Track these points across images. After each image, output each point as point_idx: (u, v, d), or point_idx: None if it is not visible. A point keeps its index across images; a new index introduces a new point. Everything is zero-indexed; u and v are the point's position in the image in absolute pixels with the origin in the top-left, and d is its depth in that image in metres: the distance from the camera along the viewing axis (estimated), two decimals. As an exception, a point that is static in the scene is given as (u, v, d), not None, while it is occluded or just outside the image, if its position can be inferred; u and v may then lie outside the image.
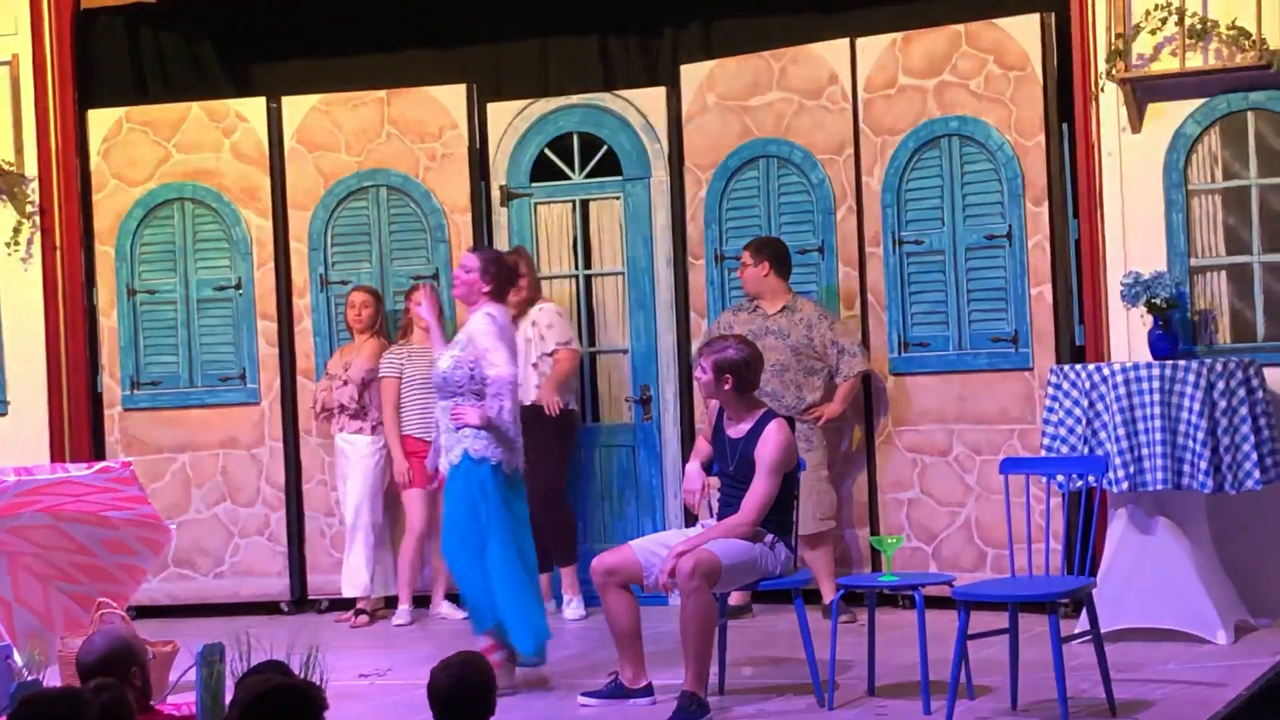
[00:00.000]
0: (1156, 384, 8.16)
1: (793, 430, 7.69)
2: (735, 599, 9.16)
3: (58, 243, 10.51)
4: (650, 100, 10.32)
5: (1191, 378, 8.15)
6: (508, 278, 8.34)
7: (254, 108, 10.62)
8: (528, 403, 9.78)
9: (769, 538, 7.52)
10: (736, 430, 7.64)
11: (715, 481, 7.80)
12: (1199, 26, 8.71)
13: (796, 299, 9.47)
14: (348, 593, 10.10)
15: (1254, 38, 8.63)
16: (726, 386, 7.59)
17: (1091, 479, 7.70)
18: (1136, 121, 8.92)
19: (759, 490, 7.46)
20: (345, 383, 10.09)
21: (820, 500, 9.33)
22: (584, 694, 7.68)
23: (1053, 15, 9.17)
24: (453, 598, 10.14)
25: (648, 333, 10.29)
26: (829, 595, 9.09)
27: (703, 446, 7.81)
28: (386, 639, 9.63)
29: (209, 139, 10.60)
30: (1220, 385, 8.18)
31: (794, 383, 9.34)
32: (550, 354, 9.87)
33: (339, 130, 10.56)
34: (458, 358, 8.02)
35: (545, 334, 9.82)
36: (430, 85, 10.55)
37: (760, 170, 9.96)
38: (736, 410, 7.64)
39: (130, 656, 5.69)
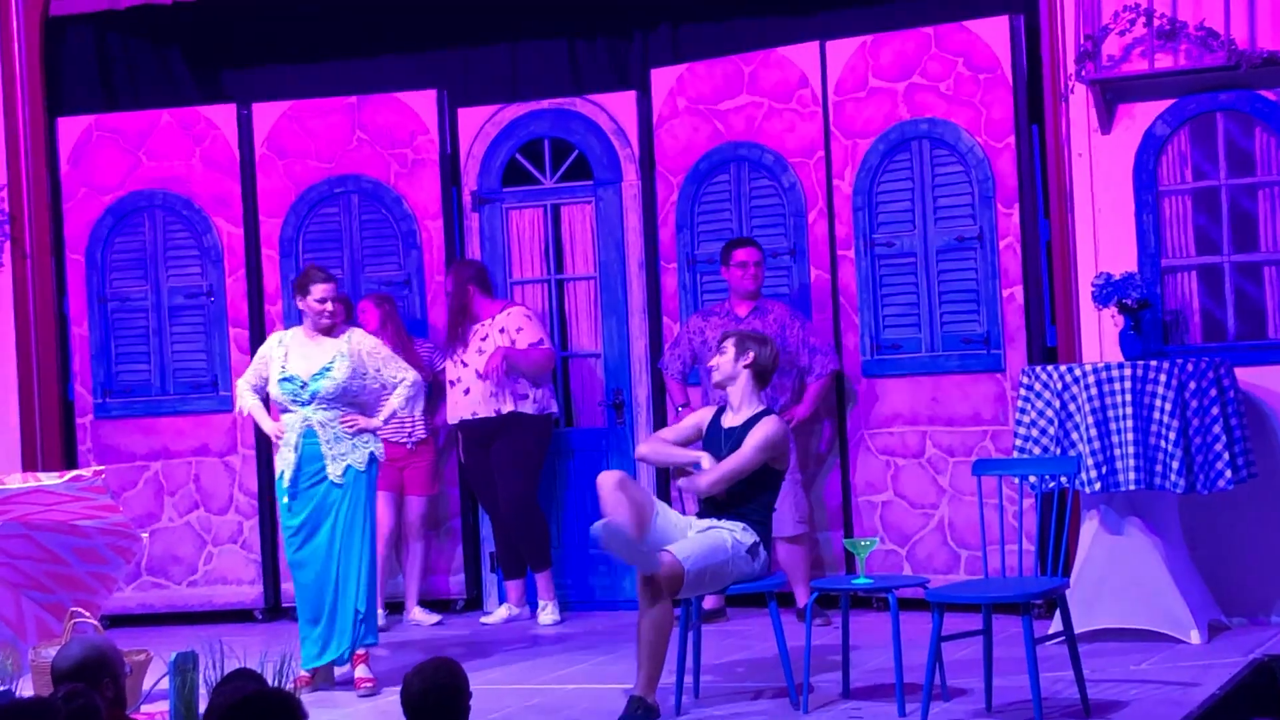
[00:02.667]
0: (1128, 384, 8.18)
1: None
2: (709, 603, 9.17)
3: (28, 251, 10.48)
4: (621, 104, 10.32)
5: (1163, 378, 8.17)
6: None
7: (224, 115, 10.60)
8: (505, 412, 9.78)
9: (754, 543, 7.52)
10: (733, 420, 7.69)
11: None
12: (1167, 27, 8.74)
13: (765, 300, 9.48)
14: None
15: (1222, 38, 8.65)
16: (745, 363, 7.68)
17: (1064, 480, 7.71)
18: (1106, 123, 8.94)
19: (736, 458, 7.52)
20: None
21: (797, 503, 9.34)
22: None
23: (1022, 17, 9.18)
24: (426, 603, 10.14)
25: (620, 337, 10.29)
26: (803, 599, 9.09)
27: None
28: (361, 646, 9.60)
29: (179, 146, 10.59)
30: (1192, 385, 8.20)
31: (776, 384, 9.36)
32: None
33: (310, 137, 10.54)
34: (354, 368, 8.30)
35: (516, 337, 9.81)
36: (401, 91, 10.54)
37: (731, 174, 9.97)
38: (741, 398, 7.70)
39: (104, 665, 5.67)
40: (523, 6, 10.57)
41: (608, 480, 7.51)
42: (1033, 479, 8.01)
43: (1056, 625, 7.44)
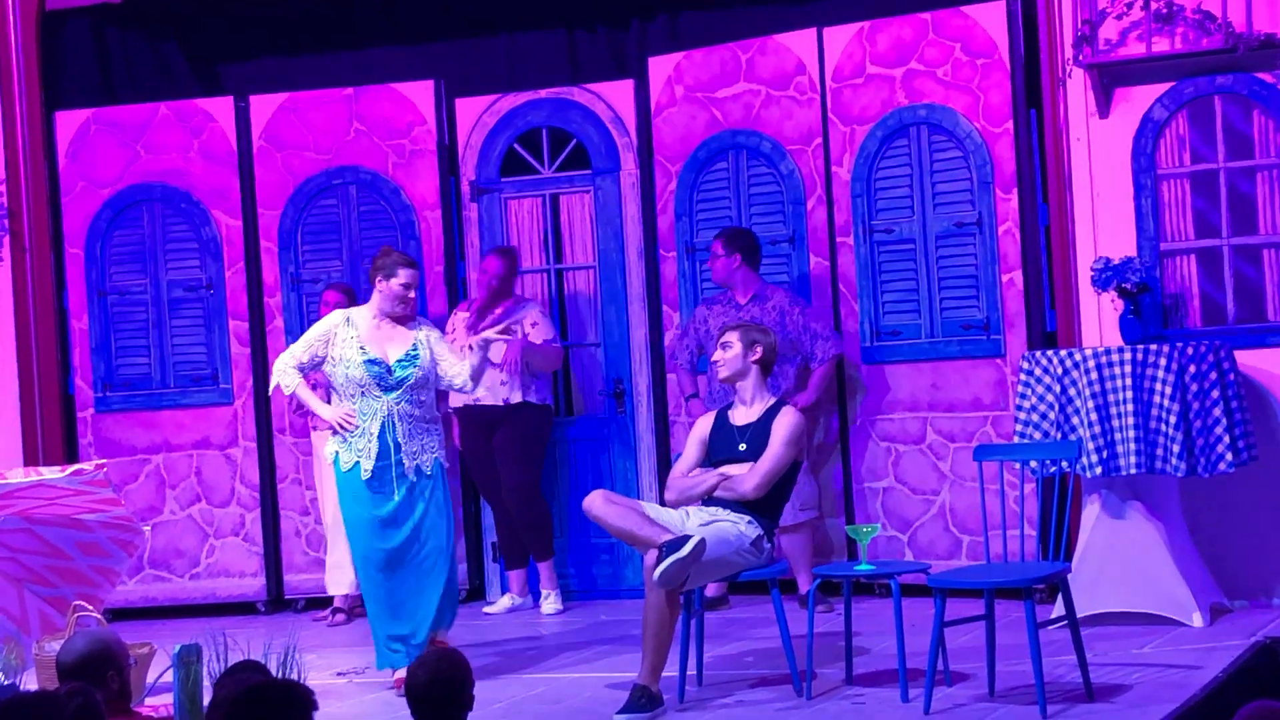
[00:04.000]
0: (1128, 368, 8.18)
1: None
2: (712, 590, 9.17)
3: (26, 245, 10.48)
4: (618, 93, 10.32)
5: (1163, 362, 8.17)
6: None
7: (222, 107, 10.60)
8: (515, 402, 9.78)
9: (758, 535, 7.53)
10: (746, 416, 7.70)
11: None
12: (1165, 11, 8.73)
13: (766, 287, 9.48)
14: (334, 591, 10.07)
15: (1220, 21, 8.65)
16: (754, 358, 7.72)
17: (1065, 464, 7.72)
18: (1104, 107, 8.94)
19: (771, 457, 7.54)
20: (315, 385, 10.04)
21: (800, 490, 9.34)
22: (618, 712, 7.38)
23: (1019, 2, 9.18)
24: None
25: (620, 326, 10.29)
26: (805, 585, 9.10)
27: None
28: (364, 637, 9.59)
29: (177, 139, 10.58)
30: (1192, 369, 8.21)
31: (779, 372, 9.35)
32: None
33: (307, 128, 10.54)
34: (427, 358, 8.03)
35: (530, 332, 9.81)
36: (398, 82, 10.53)
37: (730, 162, 9.97)
38: (753, 392, 7.73)
39: (108, 659, 5.68)
40: (520, -4, 10.58)
41: (594, 502, 7.54)
42: (1034, 464, 8.01)
43: (1058, 610, 7.45)
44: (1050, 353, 8.45)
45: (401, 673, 7.89)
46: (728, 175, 9.98)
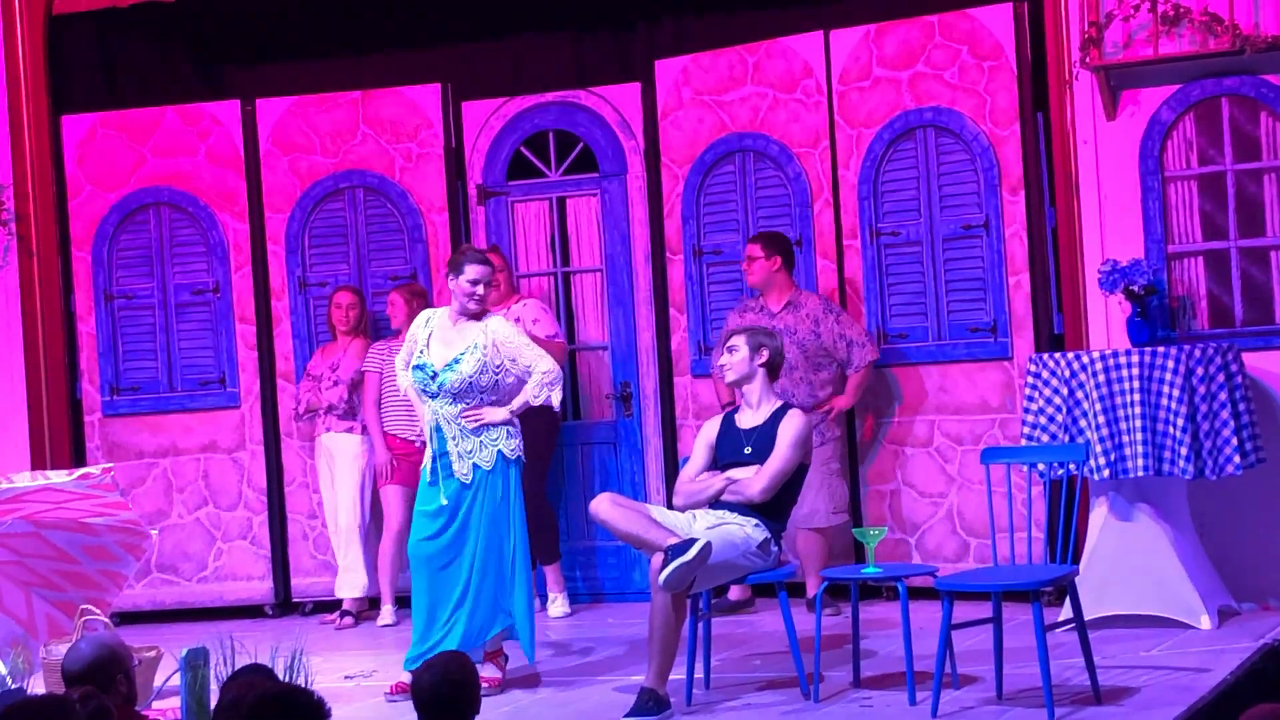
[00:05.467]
0: (1136, 371, 8.17)
1: None
2: (735, 594, 9.18)
3: (34, 249, 10.48)
4: (625, 96, 10.32)
5: (1170, 364, 8.16)
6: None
7: (228, 111, 10.60)
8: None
9: (765, 538, 7.52)
10: (752, 419, 7.70)
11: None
12: (1171, 13, 8.72)
13: (800, 293, 9.45)
14: (344, 594, 10.08)
15: (1226, 23, 8.64)
16: (760, 361, 7.70)
17: (1072, 467, 7.71)
18: (1111, 109, 8.93)
19: (778, 460, 7.53)
20: (335, 383, 10.07)
21: (834, 494, 9.32)
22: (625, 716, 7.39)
23: (1025, 4, 9.17)
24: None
25: (627, 329, 10.29)
26: (814, 589, 9.10)
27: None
28: (371, 640, 9.62)
29: (184, 142, 10.58)
30: (1199, 371, 8.20)
31: (804, 380, 9.31)
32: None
33: (314, 132, 10.54)
34: (483, 361, 7.89)
35: (532, 329, 9.80)
36: (405, 85, 10.53)
37: (736, 165, 9.96)
38: (759, 396, 7.72)
39: (116, 663, 5.69)
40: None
41: (600, 505, 7.53)
42: (1041, 466, 8.02)
43: (1066, 612, 7.44)
44: (1058, 355, 8.44)
45: (404, 677, 7.90)
46: (734, 178, 9.98)
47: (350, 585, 10.06)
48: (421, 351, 7.97)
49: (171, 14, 10.70)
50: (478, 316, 7.98)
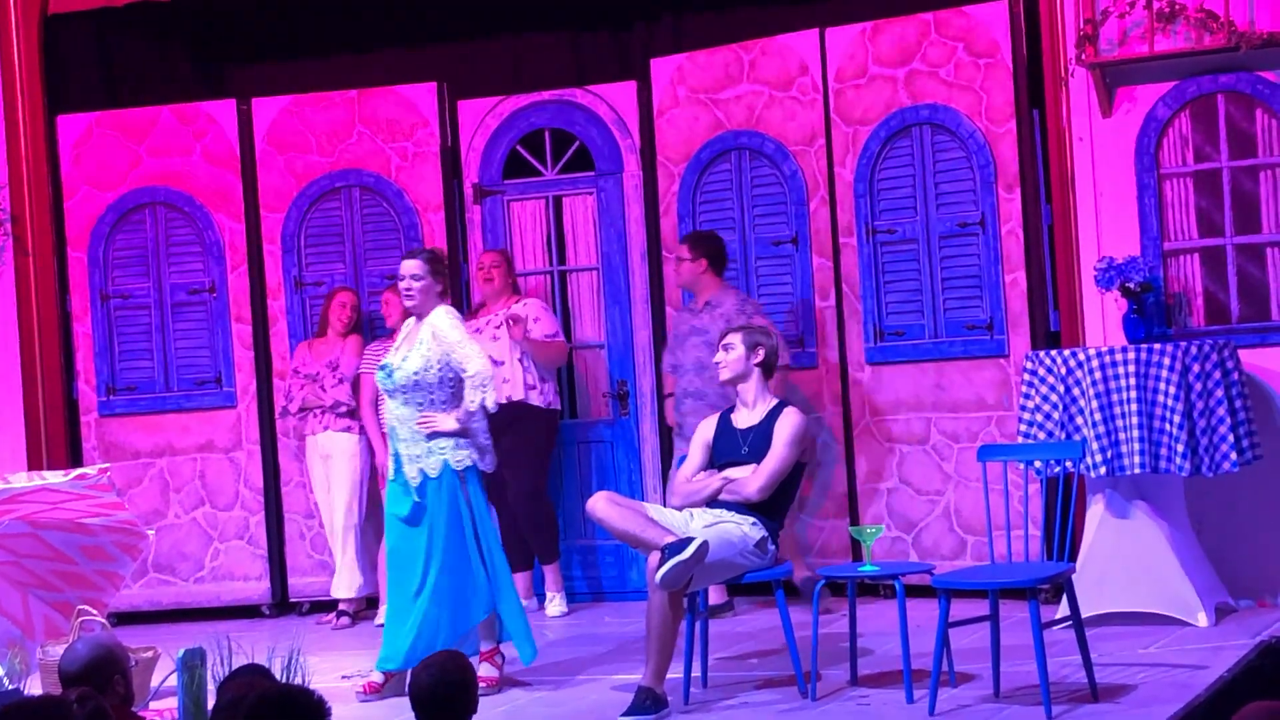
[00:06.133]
0: (1132, 368, 8.17)
1: None
2: (714, 597, 9.16)
3: (29, 249, 10.48)
4: (621, 94, 10.32)
5: (1167, 361, 8.16)
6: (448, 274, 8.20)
7: (224, 110, 10.60)
8: (515, 399, 9.78)
9: (762, 537, 7.52)
10: (749, 418, 7.71)
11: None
12: (1167, 10, 8.73)
13: (722, 293, 9.37)
14: (340, 594, 10.07)
15: (1222, 20, 8.64)
16: (756, 361, 7.71)
17: (1069, 464, 7.71)
18: (1107, 106, 8.93)
19: (775, 459, 7.54)
20: (340, 380, 10.06)
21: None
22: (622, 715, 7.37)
23: (1021, 1, 9.17)
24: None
25: (623, 327, 10.29)
26: (716, 596, 9.07)
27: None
28: (368, 640, 9.60)
29: (179, 142, 10.58)
30: (1196, 368, 8.20)
31: (715, 379, 9.26)
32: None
33: (310, 131, 10.54)
34: (426, 359, 7.87)
35: (532, 327, 9.81)
36: (401, 84, 10.53)
37: (732, 163, 9.96)
38: (755, 394, 7.73)
39: (113, 663, 5.69)
40: (522, -3, 10.58)
41: (597, 503, 7.53)
42: (1038, 464, 8.02)
43: (1063, 610, 7.45)
44: (1054, 352, 8.45)
45: (375, 677, 7.94)
46: (730, 176, 9.98)
47: (346, 585, 10.05)
48: (394, 353, 8.05)
49: (167, 13, 10.70)
50: (417, 314, 7.99)
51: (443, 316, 7.95)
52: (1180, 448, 8.10)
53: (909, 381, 9.47)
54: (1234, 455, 8.19)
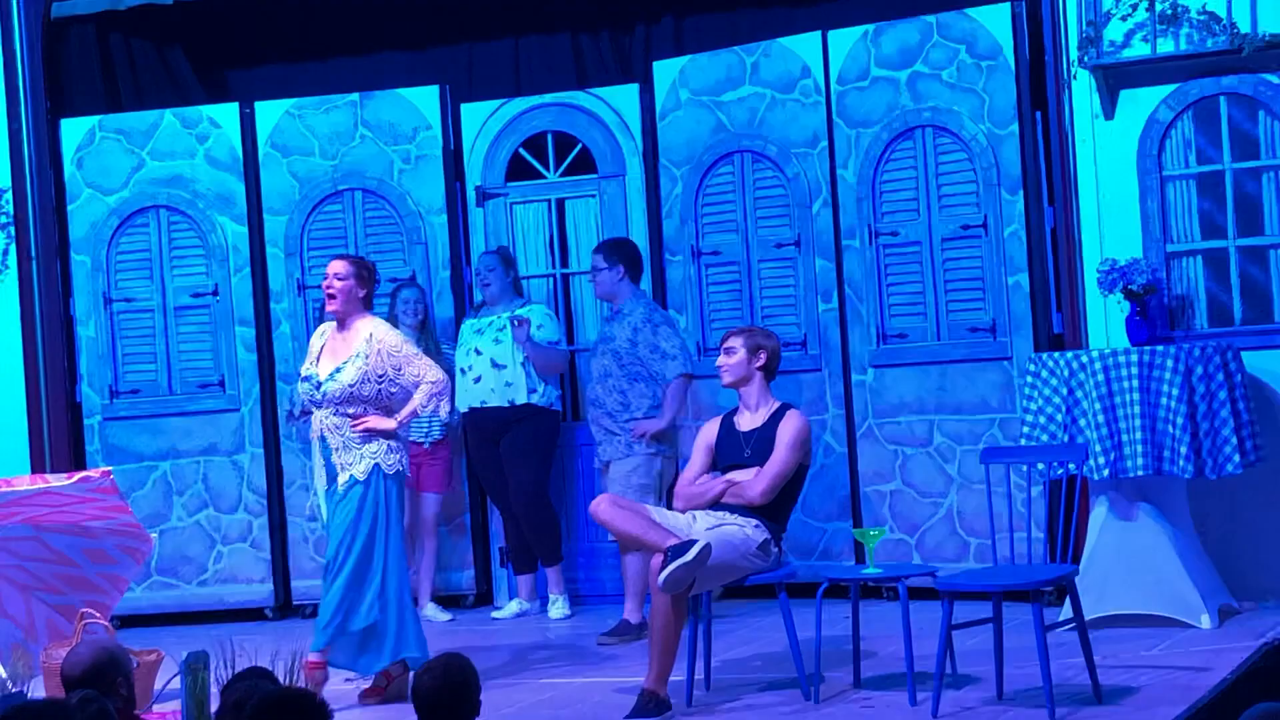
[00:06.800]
0: (1135, 370, 8.17)
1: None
2: (634, 618, 9.05)
3: (33, 253, 10.48)
4: (623, 97, 10.31)
5: (1170, 363, 8.16)
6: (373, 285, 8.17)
7: (227, 113, 10.60)
8: (518, 402, 9.78)
9: (765, 539, 7.53)
10: (751, 421, 7.71)
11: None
12: (1170, 12, 8.73)
13: (633, 301, 9.26)
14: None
15: (1224, 22, 8.64)
16: (758, 365, 7.72)
17: (1072, 467, 7.71)
18: (1109, 108, 8.93)
19: (778, 462, 7.54)
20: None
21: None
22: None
23: (1024, 3, 9.17)
24: (439, 600, 10.14)
25: (626, 330, 10.27)
26: (629, 612, 9.03)
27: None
28: (372, 643, 9.60)
29: (182, 146, 10.58)
30: (1199, 370, 8.20)
31: (617, 389, 9.21)
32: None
33: (312, 134, 10.54)
34: (364, 371, 7.83)
35: (535, 333, 9.81)
36: (403, 87, 10.54)
37: (735, 165, 9.96)
38: (757, 397, 7.74)
39: (116, 666, 5.69)
40: (525, 1, 10.56)
41: (600, 506, 7.54)
42: (1041, 466, 8.02)
43: (1066, 612, 7.44)
44: (1057, 355, 8.45)
45: (365, 683, 7.94)
46: (733, 178, 9.98)
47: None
48: (313, 363, 7.97)
49: (170, 17, 10.71)
50: (339, 319, 7.94)
51: (387, 332, 7.97)
52: (1183, 450, 8.10)
53: (912, 384, 9.47)
54: (1237, 457, 8.19)
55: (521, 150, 10.50)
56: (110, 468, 8.69)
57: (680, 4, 10.40)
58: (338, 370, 7.86)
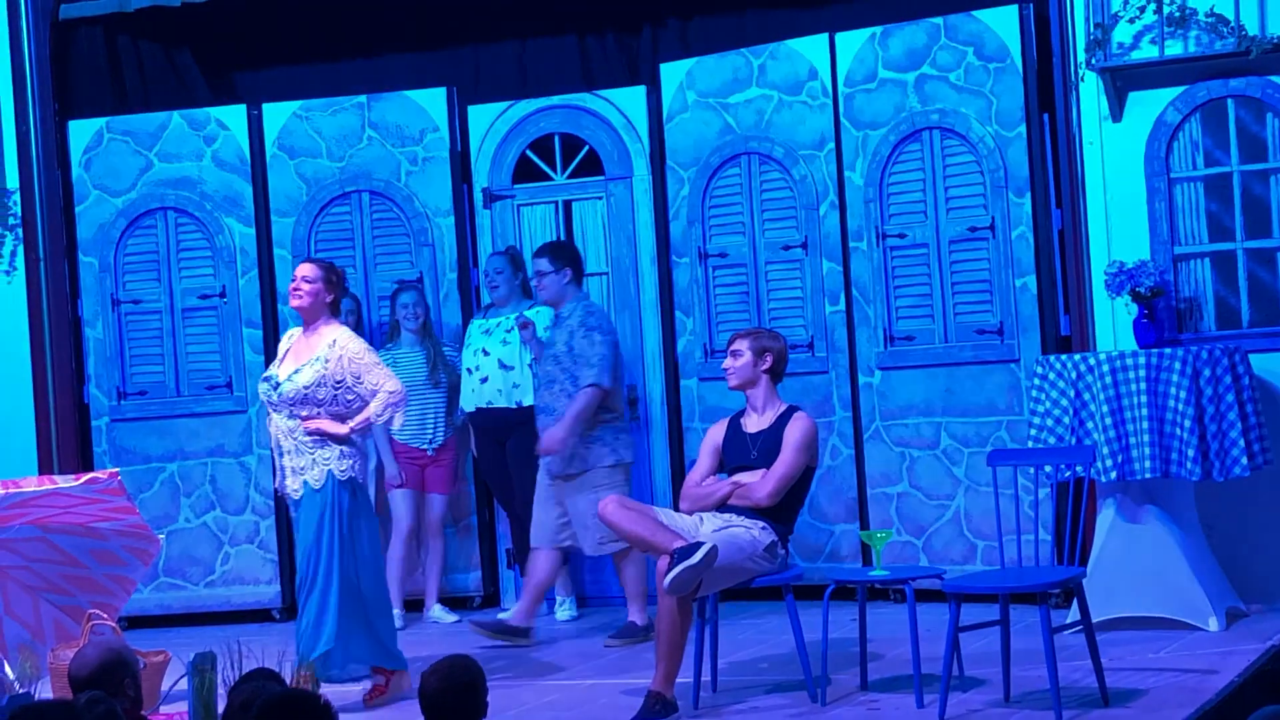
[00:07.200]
0: (1143, 373, 8.17)
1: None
2: (640, 619, 9.02)
3: (40, 255, 10.49)
4: (630, 99, 10.32)
5: (1178, 365, 8.16)
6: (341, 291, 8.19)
7: (234, 115, 10.61)
8: (524, 404, 9.78)
9: (772, 541, 7.53)
10: (758, 423, 7.72)
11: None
12: (1178, 14, 8.72)
13: (574, 304, 9.18)
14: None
15: (1232, 24, 8.64)
16: (764, 367, 7.73)
17: (1080, 469, 7.71)
18: (1117, 110, 8.93)
19: (784, 464, 7.55)
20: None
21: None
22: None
23: (1031, 5, 9.17)
24: (446, 601, 10.15)
25: (633, 332, 10.28)
26: (634, 615, 9.03)
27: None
28: (378, 644, 9.61)
29: (190, 147, 10.59)
30: (1206, 373, 8.19)
31: (564, 393, 9.10)
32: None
33: (320, 136, 10.55)
34: (322, 375, 7.84)
35: (542, 334, 9.80)
36: (410, 89, 10.54)
37: (742, 167, 9.96)
38: (764, 399, 7.74)
39: (123, 667, 5.70)
40: (532, 3, 10.56)
41: (607, 507, 7.54)
42: (1048, 468, 8.01)
43: (1074, 615, 7.44)
44: (1064, 357, 8.44)
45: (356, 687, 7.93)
46: (740, 180, 9.98)
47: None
48: (276, 365, 8.01)
49: (177, 18, 10.71)
50: (305, 323, 7.97)
51: (350, 339, 7.98)
52: (1191, 452, 8.10)
53: (919, 386, 9.47)
54: (1245, 460, 8.18)
55: (529, 152, 10.50)
56: (118, 469, 8.69)
57: (687, 6, 10.39)
58: (296, 372, 7.89)
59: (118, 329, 10.63)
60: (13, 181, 10.47)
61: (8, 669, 7.76)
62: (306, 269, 8.08)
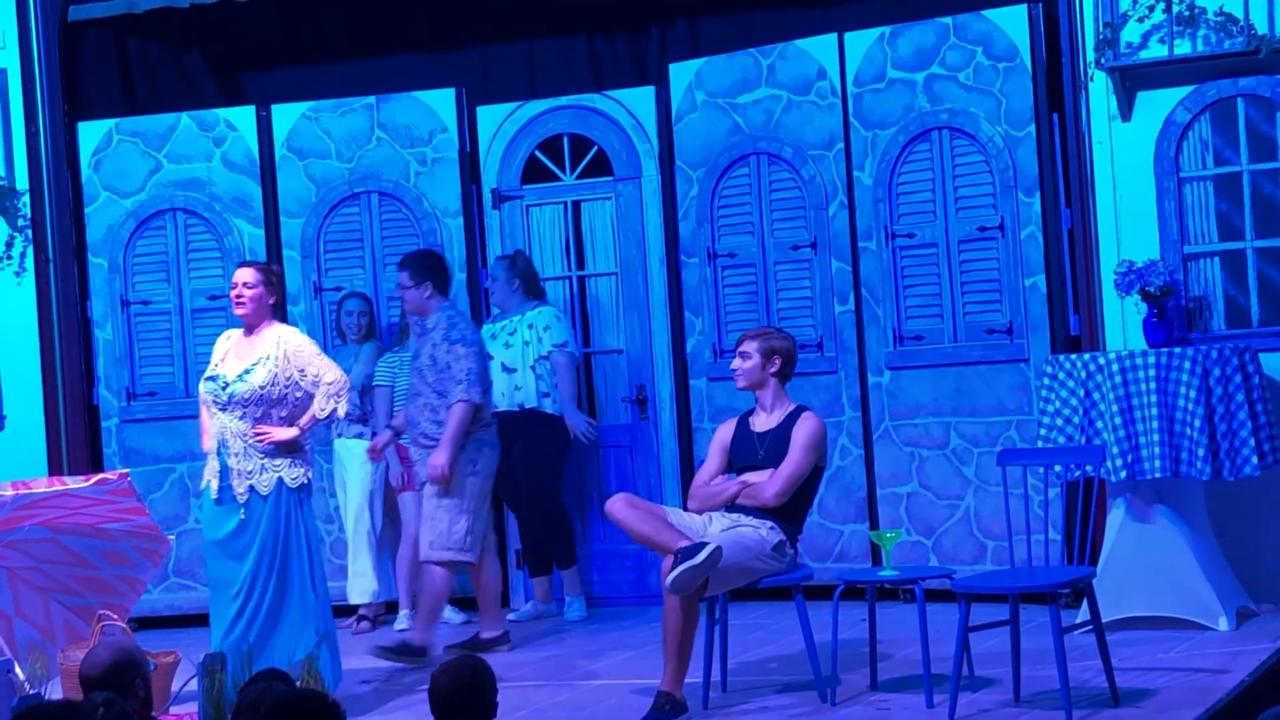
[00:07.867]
0: (1152, 372, 8.16)
1: None
2: (492, 633, 9.03)
3: (50, 256, 10.50)
4: (639, 100, 10.32)
5: (1188, 365, 8.15)
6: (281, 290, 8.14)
7: (243, 116, 10.61)
8: (528, 406, 9.78)
9: (780, 540, 7.53)
10: (766, 423, 7.71)
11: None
12: (1187, 13, 8.72)
13: (438, 315, 9.01)
14: (355, 600, 10.07)
15: (1242, 24, 8.63)
16: (773, 370, 7.72)
17: (1089, 469, 7.70)
18: (1126, 110, 8.92)
19: (792, 463, 7.54)
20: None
21: (434, 526, 8.88)
22: None
23: (1040, 5, 9.17)
24: (455, 602, 10.14)
25: (642, 333, 10.29)
26: (488, 629, 9.03)
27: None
28: (388, 645, 9.61)
29: (199, 148, 10.60)
30: (1216, 372, 8.18)
31: (428, 406, 8.97)
32: (545, 356, 9.86)
33: (329, 137, 10.55)
34: (274, 373, 7.77)
35: (543, 335, 9.83)
36: (419, 89, 10.54)
37: (751, 167, 9.96)
38: (772, 399, 7.74)
39: (133, 668, 5.71)
40: (540, 3, 10.57)
41: (615, 505, 7.54)
42: (1058, 468, 8.01)
43: (1084, 614, 7.43)
44: (1074, 357, 8.44)
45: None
46: (749, 181, 9.98)
47: (360, 590, 10.06)
48: (217, 365, 7.93)
49: (186, 20, 10.73)
50: (248, 326, 7.91)
51: (292, 334, 7.95)
52: (1201, 452, 8.09)
53: (928, 386, 9.46)
54: (1255, 459, 8.18)
55: (538, 153, 10.50)
56: (128, 470, 8.70)
57: (696, 6, 10.40)
58: (247, 371, 7.80)
59: (127, 330, 10.64)
60: (23, 183, 10.48)
61: (19, 670, 7.77)
62: (246, 274, 7.98)
